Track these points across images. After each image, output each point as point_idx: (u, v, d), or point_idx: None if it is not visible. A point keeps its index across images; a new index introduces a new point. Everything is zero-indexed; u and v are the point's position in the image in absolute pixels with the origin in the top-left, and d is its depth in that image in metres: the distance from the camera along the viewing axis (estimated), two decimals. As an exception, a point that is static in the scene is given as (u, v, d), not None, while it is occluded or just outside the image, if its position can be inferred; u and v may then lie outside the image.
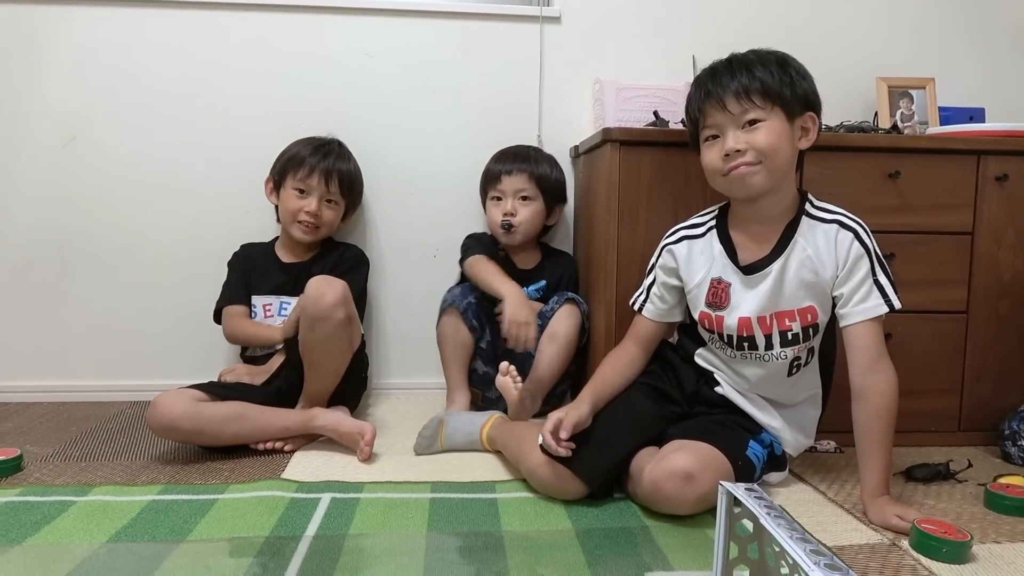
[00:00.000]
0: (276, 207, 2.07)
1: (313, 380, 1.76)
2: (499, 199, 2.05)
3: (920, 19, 2.30)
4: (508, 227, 2.01)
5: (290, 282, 2.00)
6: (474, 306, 2.00)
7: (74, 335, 2.16)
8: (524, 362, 1.89)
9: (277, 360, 1.86)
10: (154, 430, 1.60)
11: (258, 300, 1.99)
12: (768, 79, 1.37)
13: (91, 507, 1.35)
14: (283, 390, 1.80)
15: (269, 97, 2.16)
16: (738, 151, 1.37)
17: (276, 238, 2.10)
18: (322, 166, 1.97)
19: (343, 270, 1.99)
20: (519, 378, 1.71)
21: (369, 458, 1.63)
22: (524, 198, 2.03)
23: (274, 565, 1.13)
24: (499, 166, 2.07)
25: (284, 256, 2.06)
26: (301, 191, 1.98)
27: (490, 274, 1.94)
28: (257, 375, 1.86)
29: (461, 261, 2.06)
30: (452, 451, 1.70)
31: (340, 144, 2.07)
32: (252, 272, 2.03)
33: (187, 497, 1.40)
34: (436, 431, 1.71)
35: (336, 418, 1.71)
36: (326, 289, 1.68)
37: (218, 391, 1.69)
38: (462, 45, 2.20)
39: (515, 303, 1.84)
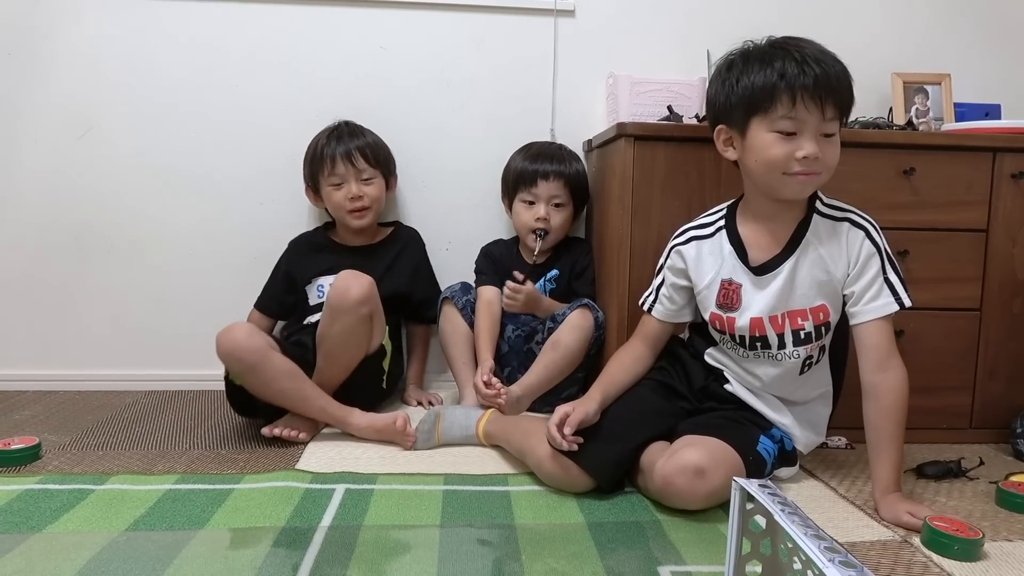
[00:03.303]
0: (326, 209, 2.12)
1: (324, 370, 1.77)
2: (531, 203, 2.03)
3: (936, 14, 2.29)
4: (543, 234, 2.00)
5: (359, 263, 2.00)
6: (472, 304, 2.01)
7: (90, 325, 2.18)
8: (528, 361, 1.91)
9: None
10: (220, 351, 1.64)
11: (325, 280, 2.01)
12: (851, 93, 1.34)
13: (109, 496, 1.37)
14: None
15: (283, 89, 2.16)
16: (816, 159, 1.32)
17: (322, 226, 2.15)
18: (340, 151, 2.00)
19: (418, 259, 2.14)
20: (501, 388, 1.74)
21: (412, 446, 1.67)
22: (557, 204, 2.03)
23: (290, 555, 1.14)
24: (535, 167, 2.03)
25: (349, 240, 2.10)
26: (337, 183, 2.01)
27: (481, 334, 1.95)
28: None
29: (475, 282, 2.10)
30: (449, 446, 1.70)
31: (348, 123, 2.08)
32: (310, 261, 2.06)
33: (203, 487, 1.42)
34: (433, 426, 1.70)
35: (369, 418, 1.72)
36: (352, 283, 1.72)
37: (283, 346, 1.75)
38: (476, 38, 2.20)
39: (488, 370, 1.84)
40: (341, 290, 1.71)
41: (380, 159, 2.06)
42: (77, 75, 2.11)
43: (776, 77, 1.30)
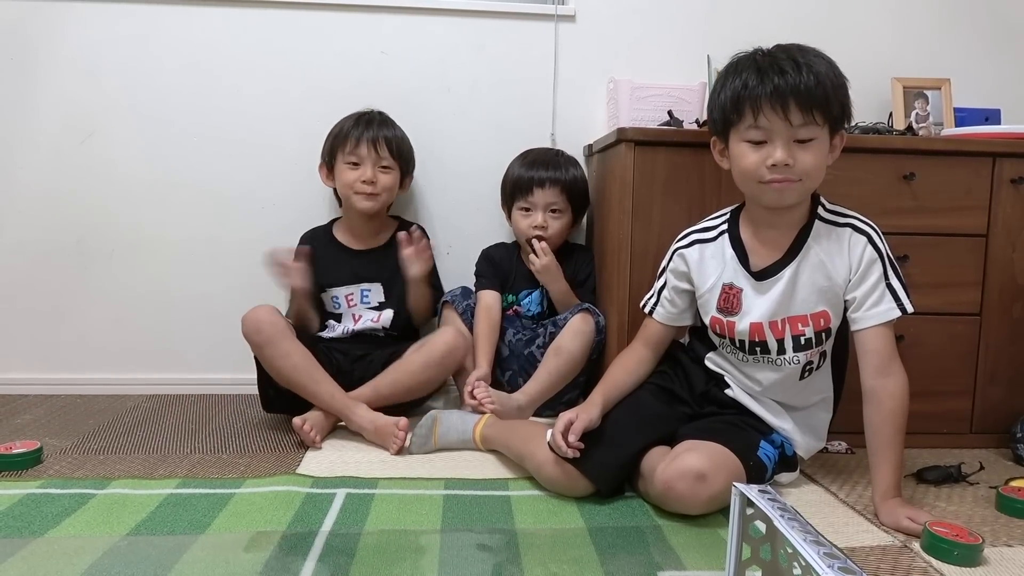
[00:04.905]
0: (334, 191, 2.09)
1: (381, 397, 1.81)
2: (528, 210, 2.03)
3: (936, 19, 2.30)
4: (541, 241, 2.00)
5: (369, 269, 2.02)
6: (472, 308, 2.01)
7: (91, 329, 2.18)
8: (529, 365, 1.91)
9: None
10: (243, 326, 1.76)
11: (339, 292, 2.02)
12: (831, 95, 1.32)
13: (111, 500, 1.37)
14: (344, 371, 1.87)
15: (284, 94, 2.17)
16: (787, 166, 1.33)
17: (332, 223, 2.12)
18: (368, 135, 1.98)
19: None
20: (488, 399, 1.74)
21: (400, 451, 1.67)
22: (554, 211, 2.02)
23: (291, 560, 1.14)
24: (531, 174, 2.02)
25: (353, 243, 2.07)
26: (354, 163, 1.98)
27: (479, 339, 1.96)
28: None
29: (475, 285, 2.11)
30: (446, 450, 1.70)
31: (381, 113, 2.06)
32: (320, 266, 2.01)
33: (205, 491, 1.42)
34: (430, 430, 1.70)
35: (372, 415, 1.73)
36: (460, 345, 1.87)
37: (311, 342, 1.85)
38: (477, 43, 2.20)
39: (479, 377, 1.85)
40: (452, 348, 1.85)
41: (403, 153, 2.04)
42: (78, 80, 2.12)
43: (741, 88, 1.34)
